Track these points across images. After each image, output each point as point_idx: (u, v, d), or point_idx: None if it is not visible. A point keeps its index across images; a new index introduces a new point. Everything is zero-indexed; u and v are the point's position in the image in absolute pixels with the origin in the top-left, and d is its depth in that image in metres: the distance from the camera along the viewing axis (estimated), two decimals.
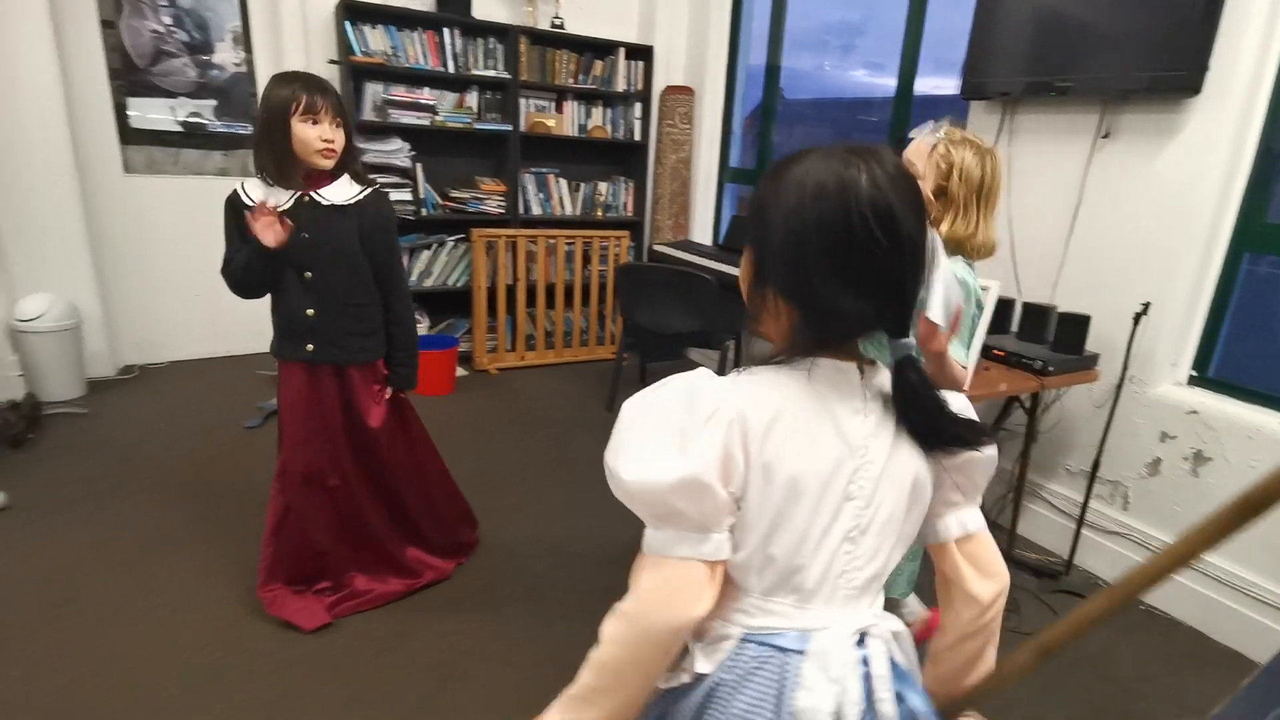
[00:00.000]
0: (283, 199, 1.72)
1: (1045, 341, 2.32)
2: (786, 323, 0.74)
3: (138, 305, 3.80)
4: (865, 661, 0.74)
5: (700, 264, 3.70)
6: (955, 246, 1.48)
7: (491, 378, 4.09)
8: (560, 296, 4.36)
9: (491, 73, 4.02)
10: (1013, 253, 2.61)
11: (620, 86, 4.39)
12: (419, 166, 3.92)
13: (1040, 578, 2.37)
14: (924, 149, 1.48)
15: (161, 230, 3.79)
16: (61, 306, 3.25)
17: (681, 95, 4.49)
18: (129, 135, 3.62)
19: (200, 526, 2.36)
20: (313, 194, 1.74)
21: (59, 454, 2.81)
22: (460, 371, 4.02)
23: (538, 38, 4.13)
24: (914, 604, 1.96)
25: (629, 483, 0.71)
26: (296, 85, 1.66)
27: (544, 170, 4.39)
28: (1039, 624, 2.12)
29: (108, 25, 3.45)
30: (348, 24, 3.62)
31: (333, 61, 3.77)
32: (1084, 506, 2.38)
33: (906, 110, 3.27)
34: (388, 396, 1.95)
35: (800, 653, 0.73)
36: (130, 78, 3.56)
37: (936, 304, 1.19)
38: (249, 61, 3.82)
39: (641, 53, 4.40)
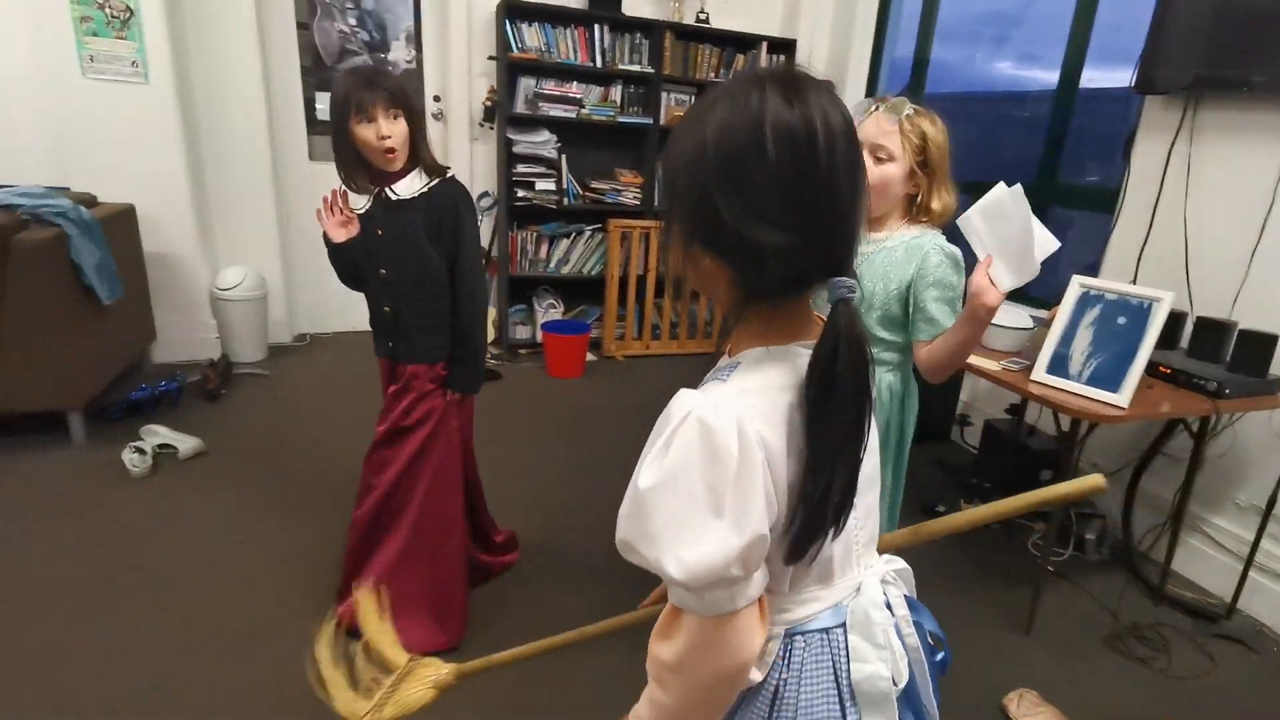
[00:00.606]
0: (361, 201, 1.68)
1: (1221, 361, 2.11)
2: (723, 280, 0.66)
3: (312, 280, 4.16)
4: (889, 607, 0.75)
5: None
6: (938, 220, 1.40)
7: (618, 364, 4.18)
8: (687, 288, 4.38)
9: (636, 67, 4.08)
10: (1186, 263, 2.38)
11: None
12: (564, 158, 4.06)
13: (1196, 619, 2.17)
14: (888, 128, 1.38)
15: None
16: (254, 278, 3.63)
17: None
18: (314, 126, 3.97)
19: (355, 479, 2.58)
20: (386, 190, 1.67)
21: (245, 409, 3.15)
22: (589, 357, 4.13)
23: (682, 32, 4.15)
24: None
25: (686, 579, 0.61)
26: (349, 84, 1.56)
27: None
28: (1192, 670, 1.95)
29: (302, 27, 3.79)
30: (508, 22, 3.79)
31: (491, 58, 3.97)
32: (1254, 545, 2.15)
33: (1069, 105, 3.03)
34: (447, 399, 1.80)
35: (840, 626, 0.72)
36: (318, 74, 3.89)
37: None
38: (418, 59, 4.08)
39: (784, 46, 4.34)
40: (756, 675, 0.70)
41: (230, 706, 1.61)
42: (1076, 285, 1.93)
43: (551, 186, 4.04)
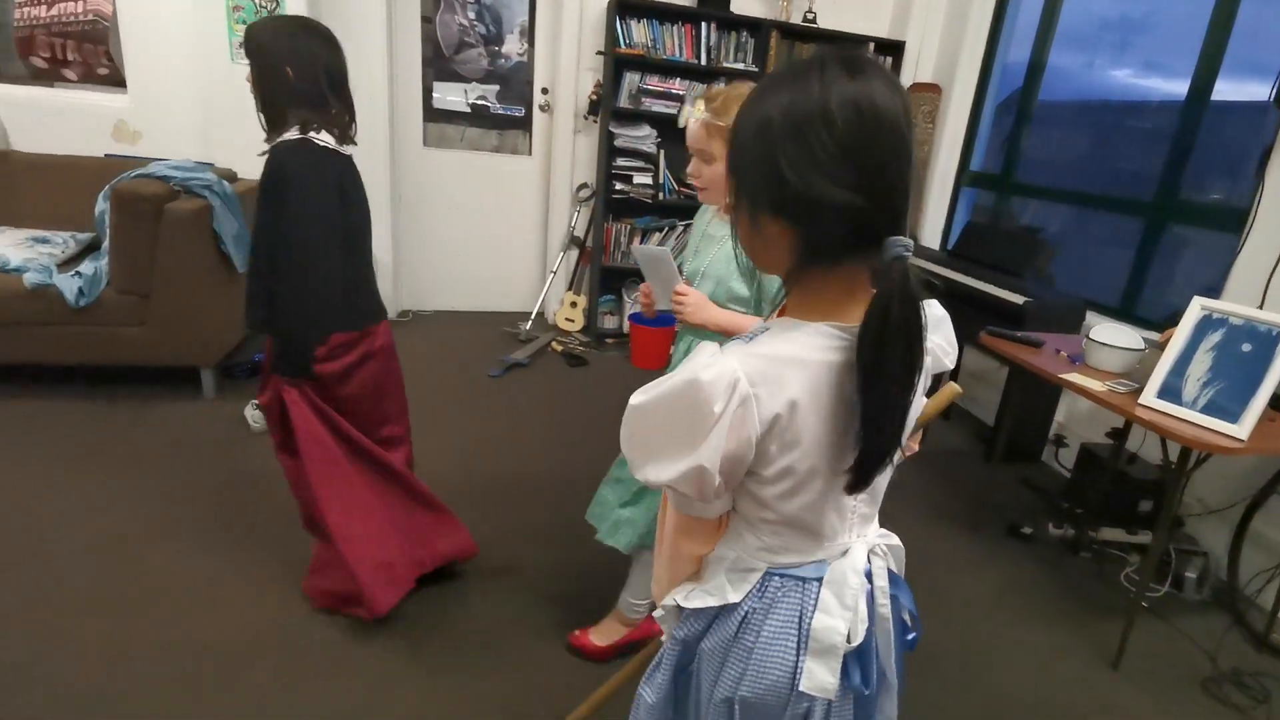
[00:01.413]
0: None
1: None
2: (786, 245, 0.69)
3: (417, 259, 4.36)
4: (869, 576, 0.81)
5: (928, 268, 3.50)
6: None
7: None
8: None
9: (740, 65, 4.05)
10: None
11: None
12: (662, 153, 4.08)
13: None
14: (700, 130, 1.37)
15: (442, 197, 4.30)
16: None
17: (927, 93, 4.23)
18: (430, 114, 4.13)
19: (450, 453, 2.70)
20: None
21: None
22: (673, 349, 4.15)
23: (788, 32, 4.10)
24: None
25: (646, 481, 0.75)
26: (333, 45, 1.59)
27: None
28: None
29: (426, 20, 3.95)
30: (618, 18, 3.83)
31: (599, 53, 4.02)
32: None
33: (1197, 117, 2.82)
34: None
35: (818, 580, 0.79)
36: (437, 64, 4.05)
37: None
38: (530, 53, 4.18)
39: (891, 48, 4.21)
40: (734, 595, 0.80)
41: (338, 641, 1.72)
42: (1197, 307, 1.81)
43: (649, 181, 4.07)
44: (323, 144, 1.52)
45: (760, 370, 0.68)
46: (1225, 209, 2.72)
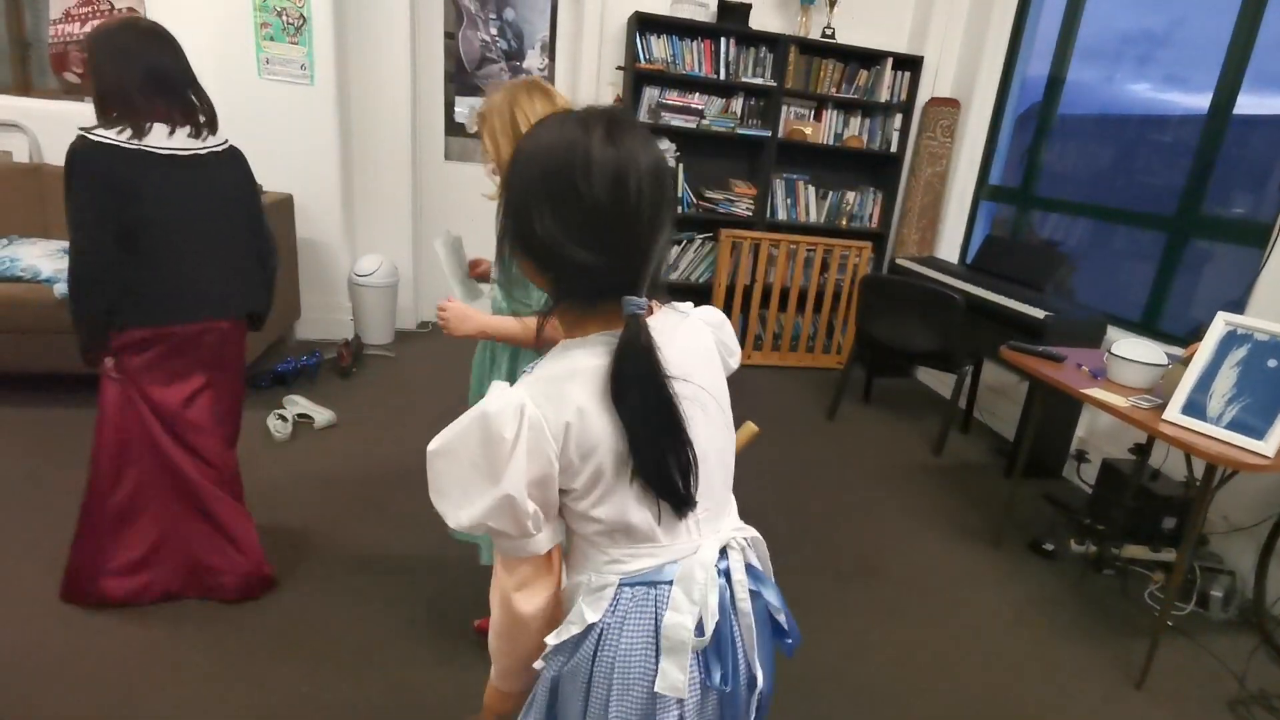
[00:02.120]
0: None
1: None
2: (539, 280, 0.76)
3: (438, 270, 4.40)
4: (725, 573, 0.81)
5: (947, 282, 3.49)
6: None
7: None
8: (794, 301, 4.35)
9: (759, 80, 4.08)
10: None
11: (883, 97, 4.25)
12: (680, 167, 4.11)
13: None
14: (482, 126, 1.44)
15: (462, 209, 4.35)
16: (388, 266, 3.87)
17: (946, 107, 4.25)
18: (451, 128, 4.20)
19: None
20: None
21: (372, 387, 3.37)
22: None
23: (806, 47, 4.13)
24: None
25: (459, 527, 0.75)
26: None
27: (794, 176, 4.39)
28: None
29: (449, 36, 4.02)
30: (638, 34, 3.88)
31: (620, 68, 4.07)
32: None
33: (1220, 131, 2.81)
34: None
35: (669, 583, 0.79)
36: (459, 79, 4.12)
37: None
38: (550, 68, 4.23)
39: (910, 63, 4.23)
40: (591, 616, 0.78)
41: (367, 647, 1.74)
42: (1221, 323, 1.80)
43: None
44: (98, 139, 1.54)
45: (543, 391, 0.73)
46: (1249, 224, 2.71)
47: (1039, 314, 2.81)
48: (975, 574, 2.35)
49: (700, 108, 4.03)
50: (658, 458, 0.74)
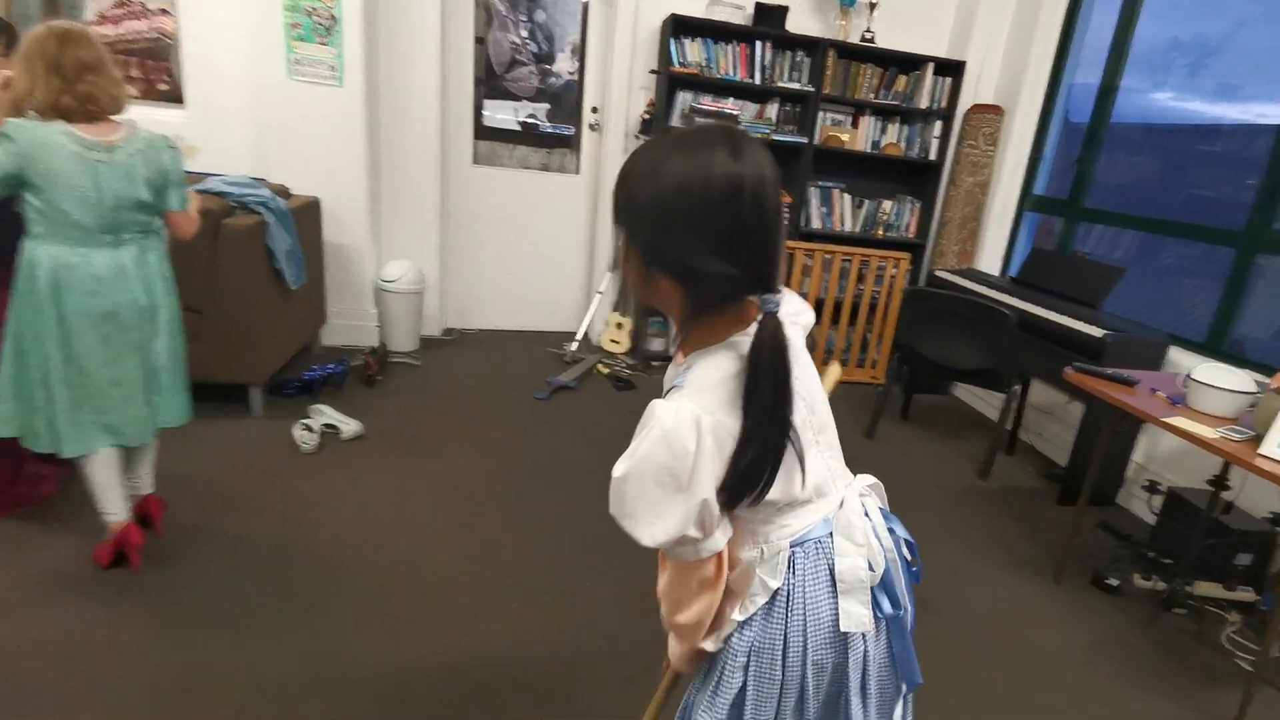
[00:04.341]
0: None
1: None
2: (676, 297, 0.82)
3: (464, 277, 4.33)
4: (867, 515, 0.91)
5: (991, 296, 3.36)
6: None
7: None
8: (829, 313, 4.23)
9: (795, 85, 3.98)
10: None
11: (923, 103, 4.13)
12: None
13: None
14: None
15: (490, 214, 4.28)
16: (414, 272, 3.79)
17: (989, 114, 4.11)
18: (480, 132, 4.12)
19: (498, 477, 2.63)
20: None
21: (399, 396, 3.29)
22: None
23: (845, 51, 4.01)
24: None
25: (653, 544, 0.81)
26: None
27: (830, 184, 4.27)
28: None
29: (479, 40, 3.95)
30: (672, 38, 3.78)
31: (653, 71, 3.98)
32: None
33: None
34: None
35: (830, 534, 0.88)
36: (489, 83, 4.04)
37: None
38: (580, 70, 4.15)
39: (951, 68, 4.10)
40: (774, 582, 0.87)
41: (376, 676, 1.65)
42: None
43: None
44: None
45: (709, 399, 0.79)
46: None
47: (1097, 333, 2.67)
48: (1036, 610, 2.22)
49: (735, 113, 3.93)
50: (780, 431, 0.80)
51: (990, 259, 4.31)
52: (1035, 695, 1.86)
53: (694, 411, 0.77)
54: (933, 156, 4.26)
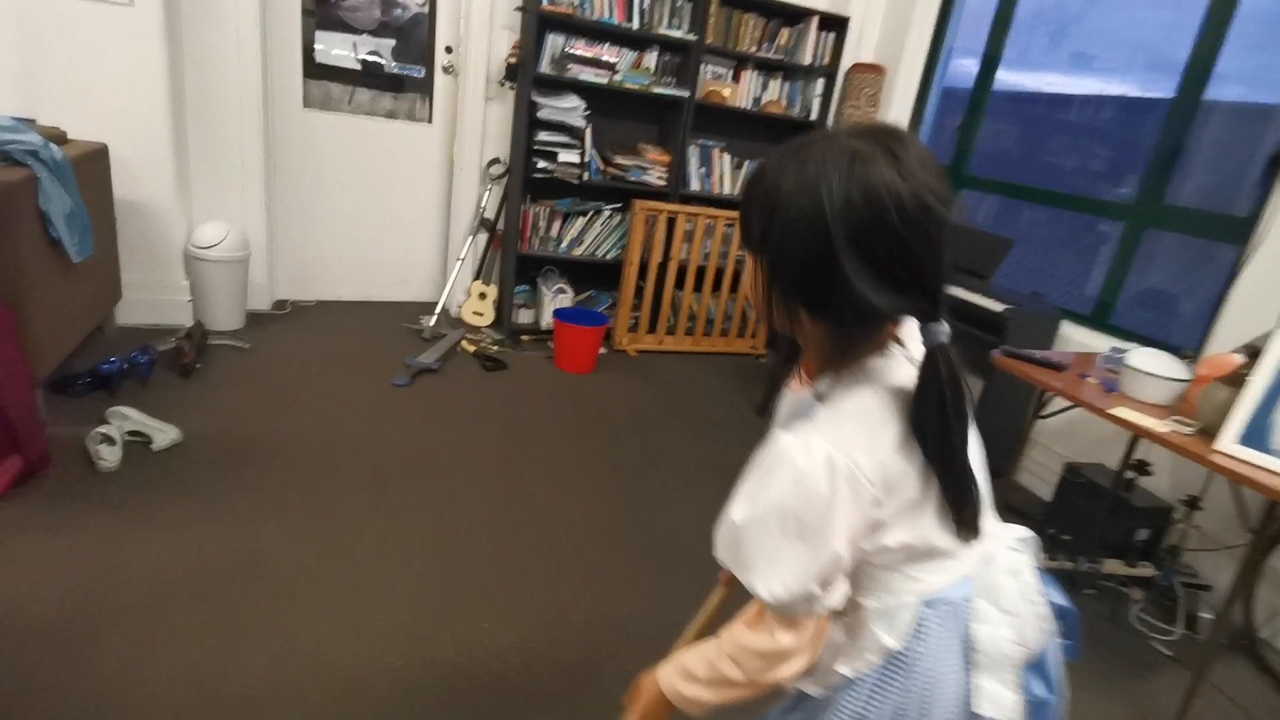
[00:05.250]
0: None
1: None
2: (821, 333, 0.75)
3: (297, 240, 3.87)
4: (1017, 574, 0.82)
5: None
6: None
7: (630, 359, 3.98)
8: (709, 281, 4.19)
9: (677, 32, 3.83)
10: None
11: (806, 59, 4.12)
12: (589, 129, 3.80)
13: None
14: None
15: (326, 168, 3.83)
16: (236, 236, 3.32)
17: (870, 74, 4.19)
18: (312, 70, 3.65)
19: (358, 486, 2.35)
20: None
21: (224, 389, 2.86)
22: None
23: None
24: None
25: (773, 602, 0.74)
26: None
27: (710, 143, 4.20)
28: None
29: None
30: None
31: (519, 9, 3.68)
32: None
33: (1188, 117, 2.75)
34: None
35: (967, 597, 0.79)
36: (321, 12, 3.57)
37: None
38: (431, 2, 3.77)
39: (835, 23, 4.12)
40: (891, 642, 0.79)
41: None
42: None
43: (575, 159, 3.79)
44: None
45: (845, 435, 0.72)
46: (1220, 217, 2.68)
47: (997, 307, 2.77)
48: None
49: (613, 61, 3.73)
50: (957, 478, 0.75)
51: None
52: None
53: (826, 451, 0.70)
54: (813, 116, 4.29)
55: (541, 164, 3.73)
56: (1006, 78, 3.76)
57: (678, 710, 0.86)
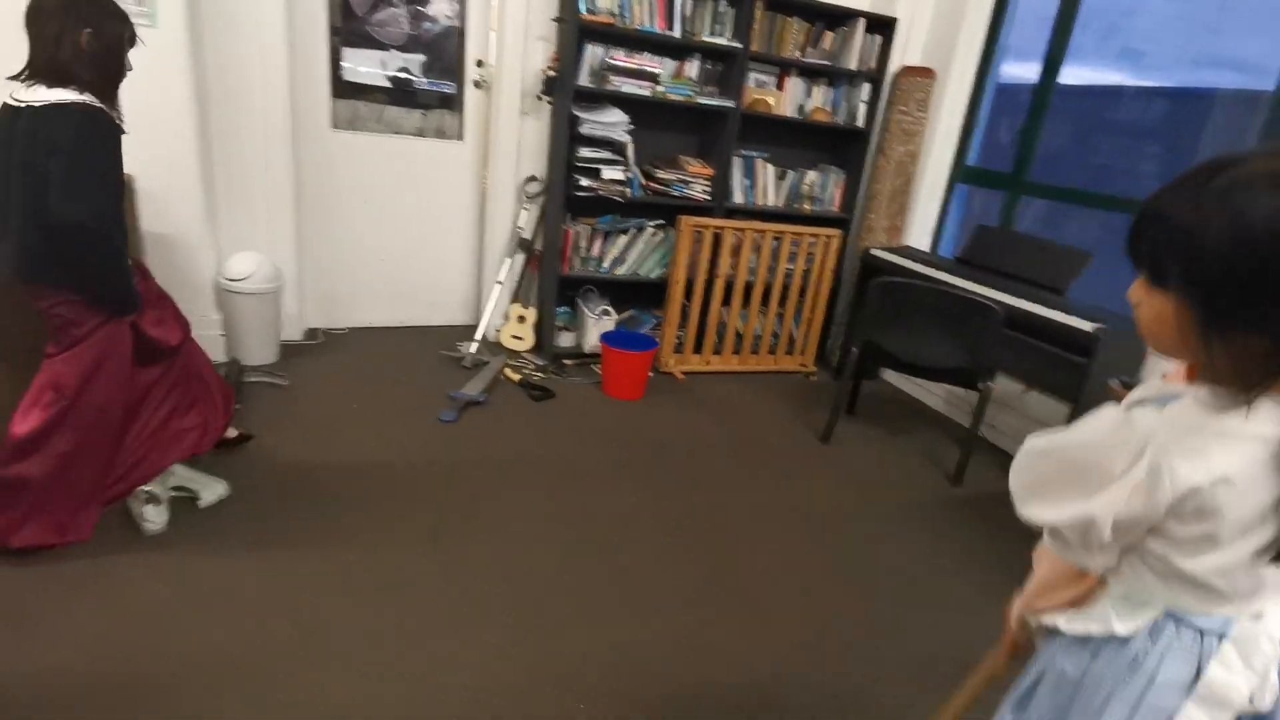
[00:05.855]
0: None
1: None
2: (1246, 357, 0.70)
3: (326, 266, 3.76)
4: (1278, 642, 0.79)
5: (943, 280, 3.30)
6: None
7: (678, 383, 3.85)
8: (757, 298, 4.06)
9: (720, 40, 3.71)
10: None
11: (852, 63, 4.01)
12: (630, 143, 3.68)
13: None
14: None
15: (355, 189, 3.73)
16: (268, 268, 3.21)
17: (920, 78, 4.07)
18: (339, 89, 3.55)
19: (421, 548, 2.23)
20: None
21: (267, 434, 2.71)
22: None
23: (773, 3, 3.80)
24: None
25: (1031, 519, 0.82)
26: (129, 22, 1.87)
27: (753, 154, 4.09)
28: None
29: None
30: None
31: (557, 20, 3.57)
32: None
33: None
34: None
35: (1220, 635, 0.78)
36: (348, 28, 3.47)
37: None
38: (461, 15, 3.66)
39: (882, 25, 4.00)
40: (1120, 627, 0.81)
41: None
42: None
43: (620, 175, 3.67)
44: None
45: (1179, 440, 0.70)
46: None
47: (1087, 326, 2.63)
48: None
49: (656, 71, 3.62)
50: None
51: (919, 235, 4.32)
52: None
53: (1145, 440, 0.72)
54: (859, 122, 4.17)
55: (584, 182, 3.62)
56: (1073, 75, 3.62)
57: None
